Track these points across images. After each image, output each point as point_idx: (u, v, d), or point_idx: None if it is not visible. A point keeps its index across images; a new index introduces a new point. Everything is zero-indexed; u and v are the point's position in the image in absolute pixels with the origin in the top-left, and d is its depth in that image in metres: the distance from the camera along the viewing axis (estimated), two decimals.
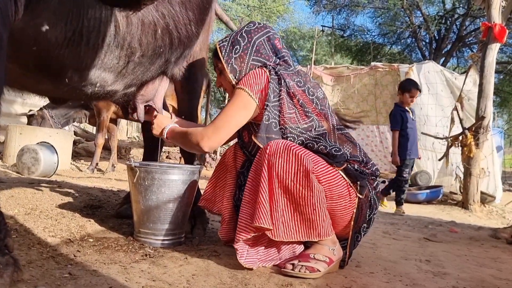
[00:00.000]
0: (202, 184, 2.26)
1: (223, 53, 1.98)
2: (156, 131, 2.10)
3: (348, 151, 1.87)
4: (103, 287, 1.38)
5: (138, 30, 1.74)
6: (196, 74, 2.44)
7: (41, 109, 6.85)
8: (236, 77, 1.96)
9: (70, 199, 2.75)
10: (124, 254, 1.81)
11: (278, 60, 1.99)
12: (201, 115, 7.35)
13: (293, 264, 1.75)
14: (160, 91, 2.38)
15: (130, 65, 1.85)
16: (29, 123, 6.72)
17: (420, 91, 5.04)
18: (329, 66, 10.45)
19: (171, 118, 2.22)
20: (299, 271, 1.72)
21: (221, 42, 2.02)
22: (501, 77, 17.85)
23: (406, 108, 5.04)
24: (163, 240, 2.03)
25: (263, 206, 1.69)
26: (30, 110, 7.05)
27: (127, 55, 1.79)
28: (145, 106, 2.28)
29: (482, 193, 5.73)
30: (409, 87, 4.98)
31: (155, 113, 2.22)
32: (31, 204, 2.42)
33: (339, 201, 1.81)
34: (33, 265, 1.51)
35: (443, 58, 17.47)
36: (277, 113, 1.86)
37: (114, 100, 2.21)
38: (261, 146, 1.82)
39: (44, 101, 6.99)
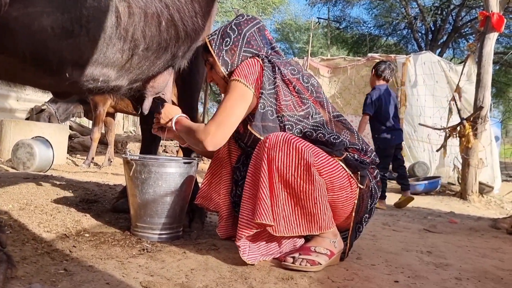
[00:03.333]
0: (200, 178, 2.22)
1: (213, 47, 1.94)
2: (163, 120, 2.04)
3: (346, 138, 1.85)
4: (100, 283, 1.35)
5: (141, 21, 1.68)
6: (198, 66, 2.39)
7: (46, 105, 6.81)
8: (228, 69, 1.92)
9: (65, 194, 2.71)
10: (121, 249, 1.78)
11: (269, 51, 1.97)
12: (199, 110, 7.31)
13: (293, 257, 1.72)
14: (170, 83, 2.34)
15: (134, 59, 1.79)
16: (37, 119, 6.67)
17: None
18: (325, 57, 10.39)
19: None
20: (300, 264, 1.69)
21: (210, 36, 1.99)
22: (497, 67, 17.83)
23: None
24: (161, 234, 2.00)
25: (264, 202, 1.66)
26: (37, 106, 7.01)
27: (131, 48, 1.73)
28: (154, 99, 2.23)
29: (480, 183, 5.72)
30: None
31: (165, 103, 2.17)
32: (26, 199, 2.38)
33: (340, 192, 1.78)
34: (28, 261, 1.47)
35: (439, 49, 17.43)
36: (274, 101, 1.83)
37: (122, 94, 2.14)
38: (257, 135, 1.79)
39: (43, 96, 6.97)
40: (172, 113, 2.04)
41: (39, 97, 7.59)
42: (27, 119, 7.01)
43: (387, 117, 4.57)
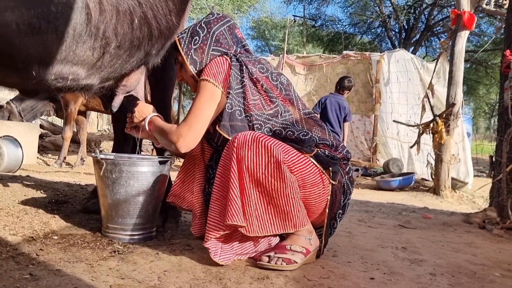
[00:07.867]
0: (174, 177, 2.17)
1: (182, 45, 1.91)
2: (137, 119, 2.00)
3: (317, 135, 1.83)
4: None
5: (112, 19, 1.63)
6: (172, 62, 2.34)
7: (8, 102, 6.56)
8: (197, 68, 1.90)
9: (34, 195, 2.62)
10: (91, 251, 1.72)
11: (239, 49, 1.95)
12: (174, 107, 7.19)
13: (269, 256, 1.70)
14: (143, 81, 2.28)
15: (106, 57, 1.73)
16: None
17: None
18: (301, 55, 10.43)
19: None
20: (276, 263, 1.67)
21: (180, 34, 1.96)
22: (468, 66, 18.24)
23: None
24: (133, 235, 1.94)
25: (235, 203, 1.63)
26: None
27: (102, 46, 1.67)
28: (126, 96, 2.17)
29: (453, 179, 5.83)
30: None
31: (138, 101, 2.12)
32: None
33: (312, 189, 1.77)
34: None
35: (412, 47, 17.73)
36: (241, 101, 1.81)
37: (94, 93, 2.08)
38: (225, 135, 1.77)
39: (13, 94, 6.70)
40: (145, 112, 2.00)
41: (10, 96, 7.33)
42: None
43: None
